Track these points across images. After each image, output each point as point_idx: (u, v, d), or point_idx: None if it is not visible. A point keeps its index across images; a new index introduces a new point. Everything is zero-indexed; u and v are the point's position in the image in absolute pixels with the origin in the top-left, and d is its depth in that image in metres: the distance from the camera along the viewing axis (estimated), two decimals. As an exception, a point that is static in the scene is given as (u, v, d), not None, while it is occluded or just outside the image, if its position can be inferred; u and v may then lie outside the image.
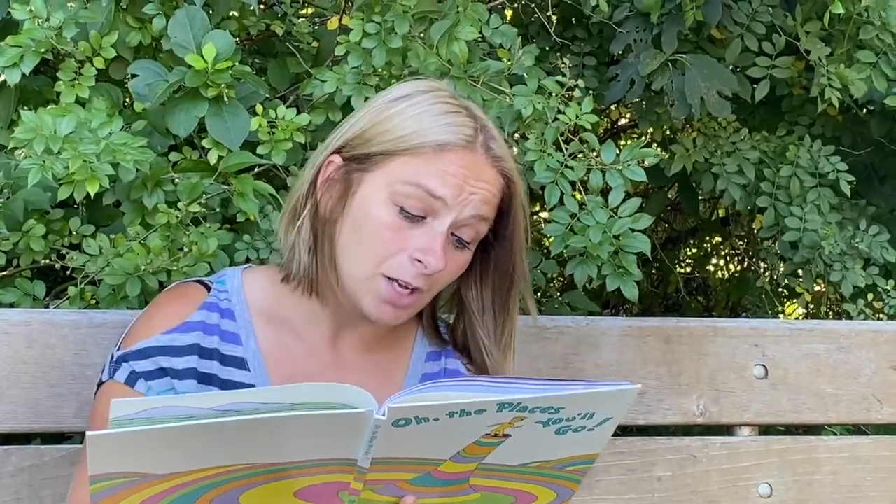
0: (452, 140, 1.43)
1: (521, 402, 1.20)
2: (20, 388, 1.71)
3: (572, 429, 1.27)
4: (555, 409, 1.23)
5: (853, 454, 2.11)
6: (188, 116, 1.95)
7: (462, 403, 1.17)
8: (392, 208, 1.42)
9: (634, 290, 1.94)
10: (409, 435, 1.19)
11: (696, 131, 2.85)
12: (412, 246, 1.42)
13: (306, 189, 1.49)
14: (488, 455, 1.28)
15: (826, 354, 2.11)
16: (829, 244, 2.63)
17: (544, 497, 1.38)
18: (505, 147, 1.50)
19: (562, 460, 1.33)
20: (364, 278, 1.44)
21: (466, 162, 1.43)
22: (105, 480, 1.15)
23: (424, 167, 1.42)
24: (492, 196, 1.46)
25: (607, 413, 1.28)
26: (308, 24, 2.46)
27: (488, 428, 1.23)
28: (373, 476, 1.24)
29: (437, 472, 1.28)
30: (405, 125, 1.44)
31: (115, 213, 2.12)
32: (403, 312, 1.46)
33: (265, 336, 1.52)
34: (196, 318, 1.50)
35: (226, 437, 1.14)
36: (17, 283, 2.01)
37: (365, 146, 1.45)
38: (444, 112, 1.45)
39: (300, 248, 1.48)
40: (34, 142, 1.77)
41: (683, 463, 2.02)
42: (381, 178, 1.43)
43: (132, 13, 2.06)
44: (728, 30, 2.66)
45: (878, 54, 2.59)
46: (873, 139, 2.96)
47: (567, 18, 2.90)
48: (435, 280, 1.45)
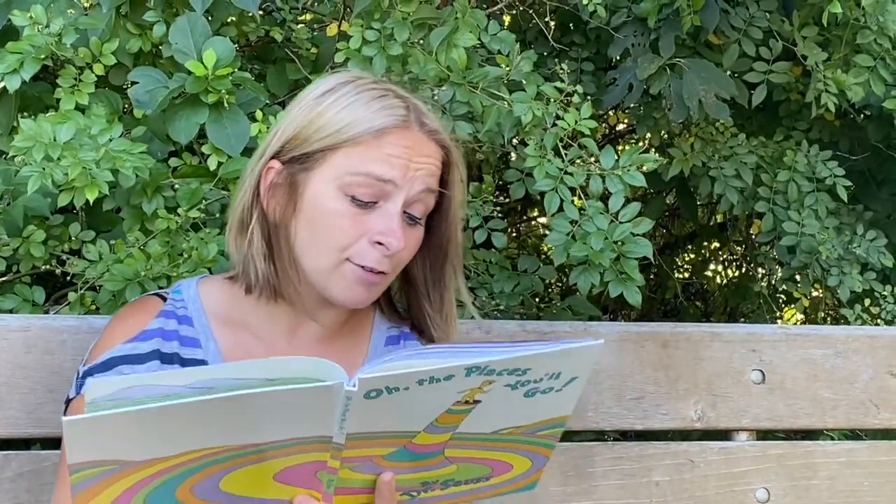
0: (388, 123, 1.46)
1: (488, 366, 1.21)
2: (19, 394, 1.71)
3: (540, 390, 1.28)
4: (522, 370, 1.24)
5: (850, 459, 2.12)
6: (188, 123, 1.96)
7: (431, 370, 1.18)
8: (343, 199, 1.44)
9: (637, 295, 1.95)
10: (381, 406, 1.20)
11: (693, 136, 2.86)
12: (371, 230, 1.44)
13: (250, 199, 1.51)
14: (461, 423, 1.28)
15: (823, 359, 2.12)
16: (827, 249, 2.63)
17: (519, 465, 1.39)
18: (436, 120, 1.53)
19: (533, 425, 1.34)
20: (330, 268, 1.46)
21: (406, 140, 1.46)
22: (84, 469, 1.15)
23: (367, 154, 1.44)
24: (435, 168, 1.50)
25: (573, 372, 1.29)
26: (307, 30, 2.47)
27: (458, 395, 1.24)
28: (349, 453, 1.25)
29: (411, 445, 1.28)
30: (339, 118, 1.46)
31: (114, 218, 2.13)
32: (374, 291, 1.49)
33: (224, 338, 1.54)
34: (154, 325, 1.52)
35: (202, 416, 1.14)
36: (17, 288, 2.01)
37: (303, 146, 1.47)
38: (373, 98, 1.48)
39: (255, 257, 1.50)
40: (33, 150, 1.77)
41: (681, 468, 2.03)
42: (326, 173, 1.45)
43: (132, 20, 2.06)
44: (725, 35, 2.66)
45: (876, 59, 2.59)
46: (870, 144, 2.97)
47: (565, 24, 2.91)
48: (398, 260, 1.48)
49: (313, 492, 1.28)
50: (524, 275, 2.52)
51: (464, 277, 1.65)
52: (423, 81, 2.07)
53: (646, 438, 2.12)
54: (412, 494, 1.36)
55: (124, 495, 1.19)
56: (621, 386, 2.01)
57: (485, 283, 2.48)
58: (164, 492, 1.21)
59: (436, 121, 1.53)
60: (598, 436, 2.47)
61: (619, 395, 2.00)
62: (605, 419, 2.00)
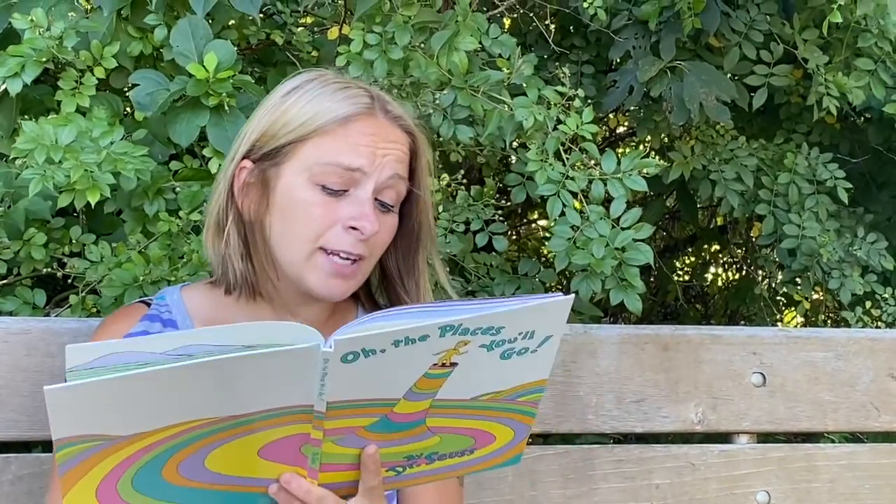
0: (353, 111, 1.47)
1: (461, 324, 1.21)
2: (20, 397, 1.71)
3: (516, 351, 1.29)
4: (495, 328, 1.24)
5: (851, 462, 2.11)
6: (189, 125, 1.96)
7: (405, 330, 1.19)
8: (314, 188, 1.46)
9: (638, 302, 1.95)
10: (358, 371, 1.20)
11: (693, 139, 2.86)
12: (344, 216, 1.45)
13: (224, 201, 1.52)
14: (439, 389, 1.29)
15: (824, 362, 2.11)
16: (828, 252, 2.64)
17: (503, 436, 1.39)
18: (400, 108, 1.55)
19: (512, 390, 1.34)
20: (304, 259, 1.47)
21: (372, 128, 1.48)
22: (70, 446, 1.15)
23: (334, 144, 1.46)
24: (403, 154, 1.51)
25: (547, 331, 1.29)
26: (308, 33, 2.47)
27: (435, 357, 1.24)
28: (331, 424, 1.25)
29: (392, 414, 1.29)
30: (305, 111, 1.48)
31: (115, 221, 2.13)
32: (351, 282, 1.50)
33: None
34: (137, 328, 1.54)
35: (182, 384, 1.14)
36: (18, 291, 2.01)
37: (271, 142, 1.49)
38: (337, 90, 1.50)
39: (233, 257, 1.52)
40: (35, 152, 1.78)
41: (682, 471, 2.02)
42: (296, 165, 1.47)
43: (133, 23, 2.06)
44: (726, 38, 2.66)
45: (877, 62, 2.59)
46: (871, 147, 2.97)
47: (565, 27, 2.91)
48: (373, 245, 1.49)
49: (299, 468, 1.29)
50: (525, 278, 2.52)
51: (444, 265, 1.66)
52: (425, 85, 2.07)
53: (646, 441, 2.11)
54: (397, 469, 1.36)
55: (111, 475, 1.19)
56: (622, 389, 2.01)
57: (486, 286, 2.48)
58: (151, 471, 1.21)
59: (399, 108, 1.55)
60: (599, 439, 2.47)
61: (619, 398, 2.00)
62: (606, 422, 2.00)
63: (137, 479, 1.21)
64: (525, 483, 1.94)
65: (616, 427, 2.01)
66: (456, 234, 2.32)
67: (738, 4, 2.67)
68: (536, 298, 1.26)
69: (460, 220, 2.33)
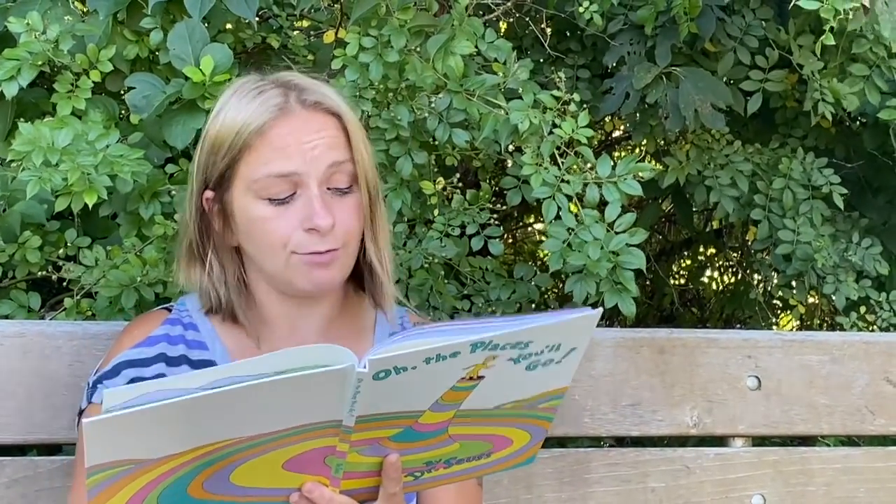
0: (266, 117, 1.47)
1: (492, 340, 1.22)
2: (14, 400, 1.71)
3: (541, 363, 1.30)
4: (524, 343, 1.26)
5: (846, 465, 2.12)
6: (185, 128, 1.97)
7: (437, 348, 1.20)
8: (262, 203, 1.47)
9: (632, 306, 1.95)
10: (389, 387, 1.21)
11: (689, 144, 2.86)
12: (298, 220, 1.46)
13: (197, 232, 1.54)
14: (464, 400, 1.30)
15: (819, 366, 2.12)
16: (823, 256, 2.64)
17: (519, 440, 1.41)
18: (321, 88, 1.54)
19: (533, 398, 1.35)
20: (283, 266, 1.48)
21: (288, 127, 1.47)
22: (101, 472, 1.17)
23: (260, 156, 1.46)
24: (333, 138, 1.50)
25: (573, 343, 1.31)
26: (304, 37, 2.47)
27: (463, 371, 1.25)
28: (357, 436, 1.26)
29: (417, 424, 1.30)
30: (227, 131, 1.48)
31: (110, 224, 2.13)
32: (335, 270, 1.50)
33: (229, 340, 1.57)
34: (159, 331, 1.57)
35: (216, 410, 1.15)
36: (13, 294, 2.01)
37: (215, 169, 1.50)
38: (250, 100, 1.49)
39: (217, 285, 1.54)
40: (32, 154, 1.78)
41: (677, 474, 2.03)
42: (239, 187, 1.48)
43: (129, 26, 2.06)
44: (721, 43, 2.66)
45: (872, 67, 2.59)
46: (866, 152, 2.96)
47: (561, 31, 2.91)
48: (342, 232, 1.48)
49: (321, 478, 1.29)
50: (520, 282, 2.52)
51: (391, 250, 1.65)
52: (420, 89, 2.07)
53: (642, 444, 2.11)
54: (415, 475, 1.37)
55: (138, 495, 1.21)
56: (617, 392, 2.01)
57: (481, 290, 2.48)
58: (177, 489, 1.22)
59: (319, 90, 1.53)
60: (594, 442, 2.47)
61: (615, 401, 2.01)
62: (602, 425, 2.00)
63: (163, 497, 1.23)
64: (520, 486, 1.94)
65: (612, 430, 2.01)
66: (451, 238, 2.32)
67: (733, 10, 2.67)
68: (566, 314, 1.28)
69: (455, 224, 2.33)
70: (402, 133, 2.11)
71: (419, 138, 2.19)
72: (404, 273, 2.28)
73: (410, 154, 2.16)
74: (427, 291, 2.29)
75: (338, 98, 1.54)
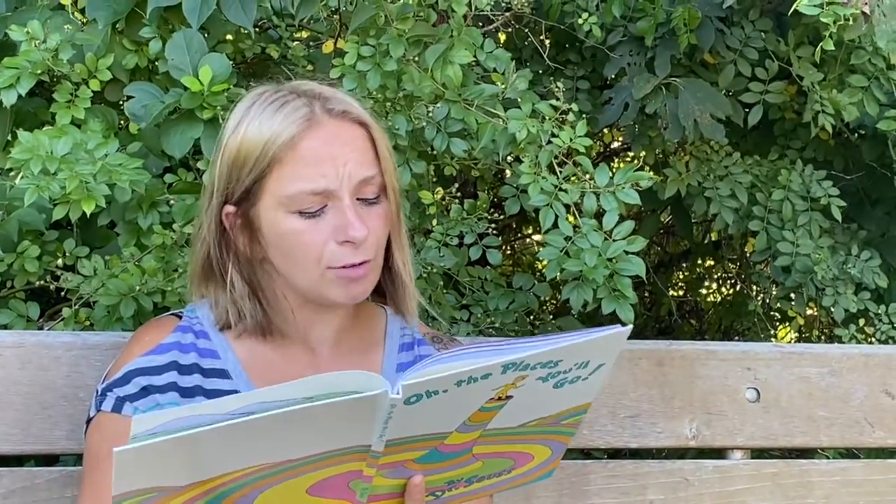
0: (295, 130, 1.45)
1: (523, 361, 1.21)
2: (12, 410, 1.70)
3: (569, 380, 1.29)
4: (554, 362, 1.25)
5: (845, 478, 2.11)
6: (183, 138, 1.96)
7: (470, 370, 1.19)
8: (294, 217, 1.46)
9: (630, 313, 1.94)
10: (419, 411, 1.21)
11: (688, 155, 2.86)
12: (331, 232, 1.45)
13: (217, 247, 1.53)
14: (491, 420, 1.29)
15: (818, 378, 2.11)
16: (821, 268, 2.63)
17: (540, 455, 1.41)
18: (344, 98, 1.53)
19: (558, 414, 1.35)
20: (317, 280, 1.47)
21: (319, 139, 1.46)
22: (128, 499, 1.16)
23: (292, 171, 1.45)
24: (362, 150, 1.49)
25: (601, 360, 1.30)
26: (303, 47, 2.47)
27: (492, 392, 1.25)
28: (385, 460, 1.26)
29: (442, 445, 1.29)
30: (253, 145, 1.46)
31: (109, 234, 2.13)
32: (367, 281, 1.50)
33: (241, 349, 1.55)
34: (170, 339, 1.54)
35: (245, 437, 1.14)
36: (11, 304, 2.01)
37: (239, 184, 1.48)
38: (274, 111, 1.48)
39: (239, 301, 1.53)
40: (31, 162, 1.77)
41: (676, 486, 2.02)
42: (269, 202, 1.47)
43: (128, 36, 2.06)
44: (721, 55, 2.67)
45: (870, 78, 2.60)
46: (865, 163, 2.97)
47: (560, 43, 2.92)
48: (372, 242, 1.48)
49: (346, 502, 1.29)
50: (519, 292, 2.52)
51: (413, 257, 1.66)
52: (419, 98, 2.07)
53: (641, 456, 2.11)
54: (437, 494, 1.37)
55: None
56: (616, 404, 2.01)
57: (480, 299, 2.48)
58: None
59: (344, 100, 1.52)
60: (593, 454, 2.46)
61: (613, 413, 2.00)
62: (600, 437, 2.00)
63: None
64: (519, 498, 1.94)
65: (610, 442, 2.01)
66: (450, 248, 2.32)
67: (733, 21, 2.68)
68: (596, 332, 1.27)
69: (454, 234, 2.33)
70: (400, 142, 2.11)
71: (417, 148, 2.19)
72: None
73: (409, 163, 2.16)
74: (426, 301, 2.29)
75: (360, 107, 1.53)
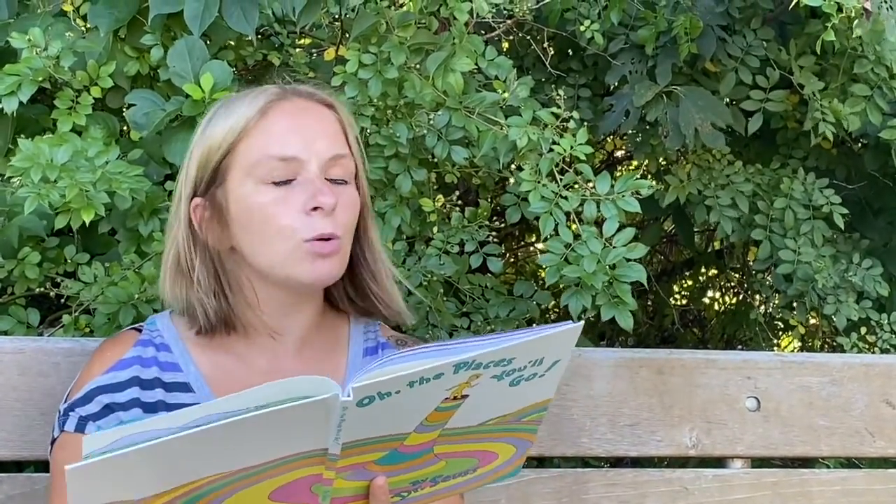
0: (266, 100, 1.48)
1: (476, 360, 1.21)
2: (12, 416, 1.70)
3: (525, 378, 1.29)
4: (507, 360, 1.25)
5: (846, 487, 2.10)
6: (184, 145, 1.94)
7: (421, 371, 1.18)
8: (263, 187, 1.46)
9: (629, 319, 1.94)
10: (373, 413, 1.20)
11: (690, 163, 2.86)
12: (301, 201, 1.45)
13: (186, 243, 1.52)
14: (449, 420, 1.29)
15: (818, 387, 2.11)
16: (823, 277, 2.63)
17: (504, 453, 1.40)
18: (310, 87, 1.56)
19: (518, 412, 1.35)
20: (286, 255, 1.46)
21: (288, 109, 1.49)
22: None
23: (261, 138, 1.46)
24: (332, 130, 1.51)
25: (556, 356, 1.30)
26: (305, 54, 2.48)
27: (447, 391, 1.24)
28: (343, 462, 1.25)
29: (402, 446, 1.29)
30: (224, 126, 1.49)
31: (110, 241, 2.13)
32: (335, 261, 1.48)
33: (202, 361, 1.54)
34: (130, 354, 1.53)
35: (199, 447, 1.14)
36: (12, 310, 2.01)
37: (207, 168, 1.50)
38: (245, 96, 1.52)
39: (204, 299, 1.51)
40: (31, 170, 1.78)
41: (675, 495, 2.02)
42: (237, 176, 1.47)
43: (130, 43, 2.07)
44: (722, 63, 2.67)
45: (873, 88, 2.60)
46: (867, 173, 2.97)
47: (563, 50, 2.92)
48: (342, 220, 1.48)
49: None
50: (520, 299, 2.52)
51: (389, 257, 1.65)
52: (419, 106, 2.08)
53: (640, 465, 2.11)
54: (402, 495, 1.36)
55: None
56: (616, 412, 2.00)
57: (480, 307, 2.48)
58: None
59: (309, 87, 1.55)
60: (592, 462, 2.46)
61: (613, 422, 2.00)
62: (600, 445, 1.99)
63: None
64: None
65: (610, 450, 2.00)
66: (450, 256, 2.32)
67: (734, 30, 2.68)
68: (547, 328, 1.27)
69: (454, 242, 2.33)
70: (400, 150, 2.11)
71: (418, 155, 2.19)
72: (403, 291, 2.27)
73: (409, 171, 2.16)
74: (426, 309, 2.29)
75: (328, 95, 1.56)
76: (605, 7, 2.57)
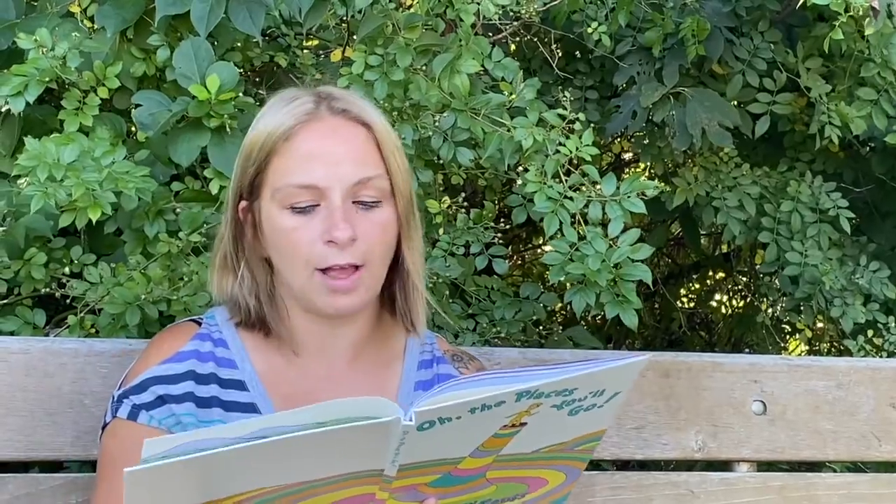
0: (293, 122, 1.46)
1: (538, 389, 1.21)
2: (18, 416, 1.70)
3: (584, 408, 1.29)
4: (569, 391, 1.25)
5: (852, 492, 2.10)
6: (190, 146, 1.97)
7: (484, 398, 1.18)
8: (286, 212, 1.45)
9: (634, 318, 1.93)
10: (432, 437, 1.20)
11: (697, 166, 2.86)
12: (318, 233, 1.44)
13: (232, 244, 1.53)
14: (505, 446, 1.29)
15: (825, 391, 2.11)
16: (830, 280, 2.63)
17: (554, 480, 1.40)
18: (349, 98, 1.53)
19: (573, 440, 1.35)
20: (304, 283, 1.46)
21: (317, 132, 1.46)
22: None
23: (285, 164, 1.45)
24: (363, 151, 1.48)
25: (616, 388, 1.30)
26: (311, 56, 2.48)
27: (506, 419, 1.24)
28: (398, 483, 1.25)
29: (456, 470, 1.29)
30: (259, 136, 1.48)
31: (116, 241, 2.13)
32: (356, 295, 1.47)
33: (258, 359, 1.54)
34: (188, 347, 1.53)
35: (257, 460, 1.14)
36: (18, 311, 2.01)
37: (246, 177, 1.50)
38: (283, 105, 1.49)
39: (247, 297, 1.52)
40: (37, 169, 1.78)
41: (681, 498, 2.01)
42: (267, 195, 1.47)
43: (136, 44, 2.07)
44: (729, 65, 2.67)
45: (879, 92, 2.59)
46: (874, 176, 2.96)
47: (570, 52, 2.92)
48: (365, 249, 1.45)
49: None
50: (526, 301, 2.51)
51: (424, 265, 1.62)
52: (425, 108, 2.07)
53: (646, 468, 2.10)
54: None
55: None
56: (622, 415, 2.00)
57: (486, 309, 2.48)
58: None
59: (348, 99, 1.52)
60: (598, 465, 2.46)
61: (619, 424, 2.00)
62: (606, 448, 1.99)
63: None
64: (523, 509, 1.93)
65: (616, 454, 2.00)
66: (456, 257, 2.32)
67: (742, 32, 2.68)
68: (612, 361, 1.27)
69: (460, 243, 2.32)
70: (406, 151, 2.10)
71: (424, 157, 2.19)
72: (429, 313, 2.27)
73: (416, 172, 2.16)
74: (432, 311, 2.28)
75: (370, 108, 1.53)
76: (612, 9, 2.57)
